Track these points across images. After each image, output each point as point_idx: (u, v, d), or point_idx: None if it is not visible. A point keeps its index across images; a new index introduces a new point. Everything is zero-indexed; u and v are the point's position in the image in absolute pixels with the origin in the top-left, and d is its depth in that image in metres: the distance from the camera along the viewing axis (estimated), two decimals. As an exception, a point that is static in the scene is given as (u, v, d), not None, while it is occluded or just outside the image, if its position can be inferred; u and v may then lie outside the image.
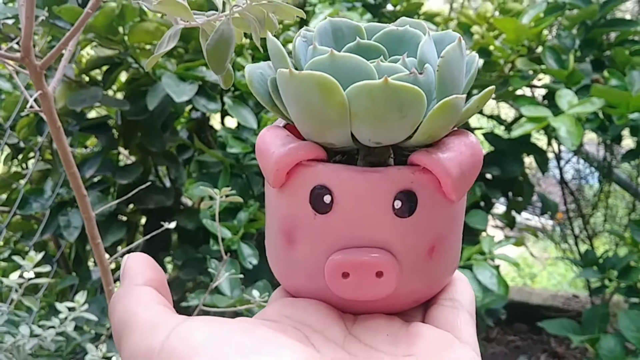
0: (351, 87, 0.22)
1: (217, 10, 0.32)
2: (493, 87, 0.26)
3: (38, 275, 0.92)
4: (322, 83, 0.22)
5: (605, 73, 1.08)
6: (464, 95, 0.23)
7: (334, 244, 0.23)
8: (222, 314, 0.87)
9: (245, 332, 0.20)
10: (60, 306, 0.88)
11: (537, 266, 2.24)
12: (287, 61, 0.24)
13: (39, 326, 0.89)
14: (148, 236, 0.69)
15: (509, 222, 1.32)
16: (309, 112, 0.23)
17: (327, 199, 0.23)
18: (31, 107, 0.52)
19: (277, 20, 0.36)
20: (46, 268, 0.83)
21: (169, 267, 1.36)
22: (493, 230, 1.42)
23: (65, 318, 0.88)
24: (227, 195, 0.68)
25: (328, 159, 0.24)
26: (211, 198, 0.67)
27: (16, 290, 0.87)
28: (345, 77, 0.22)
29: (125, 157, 1.29)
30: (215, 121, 1.41)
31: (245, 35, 0.34)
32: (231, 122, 1.32)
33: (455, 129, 0.26)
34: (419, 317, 0.26)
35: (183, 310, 1.13)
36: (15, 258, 0.82)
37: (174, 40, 0.32)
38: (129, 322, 0.22)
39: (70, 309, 0.88)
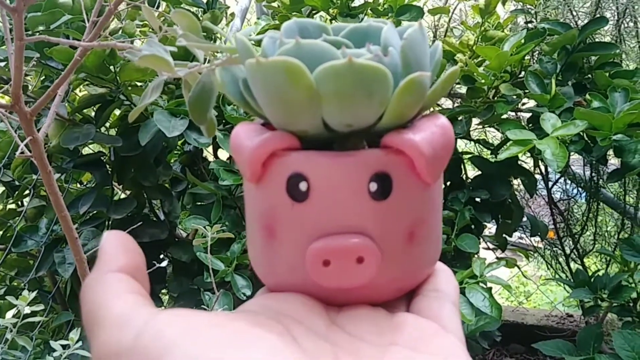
0: (317, 69, 0.22)
1: (199, 61, 0.34)
2: (458, 67, 0.26)
3: (33, 313, 0.92)
4: (288, 67, 0.22)
5: (587, 96, 1.10)
6: (429, 73, 0.24)
7: (313, 232, 0.23)
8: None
9: (221, 326, 0.19)
10: (54, 344, 0.89)
11: (531, 284, 2.24)
12: (254, 53, 0.24)
13: (34, 365, 0.89)
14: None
15: (501, 243, 1.33)
16: (278, 99, 0.23)
17: (303, 186, 0.23)
18: (22, 152, 0.53)
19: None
20: (39, 307, 0.84)
21: (165, 299, 1.36)
22: (485, 252, 1.43)
23: (60, 356, 0.89)
24: (217, 232, 0.70)
25: (302, 148, 0.24)
26: (204, 236, 0.68)
27: (10, 330, 0.88)
28: (311, 62, 0.22)
29: (119, 191, 1.30)
30: (209, 153, 1.43)
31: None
32: (225, 154, 1.34)
33: (426, 113, 0.26)
34: (403, 309, 0.25)
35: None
36: (9, 298, 0.83)
37: (158, 91, 0.34)
38: (99, 315, 0.20)
39: (65, 347, 0.88)
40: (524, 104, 1.27)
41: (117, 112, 1.19)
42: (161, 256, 1.26)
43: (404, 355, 0.21)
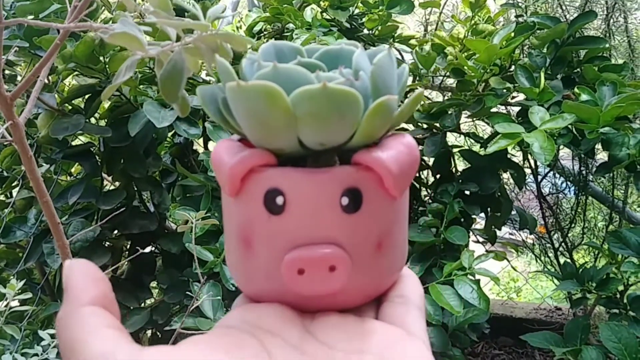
0: (294, 93, 0.23)
1: (171, 40, 0.34)
2: (422, 90, 0.28)
3: (22, 302, 0.92)
4: (266, 91, 0.23)
5: (576, 89, 1.11)
6: (396, 96, 0.26)
7: (288, 242, 0.25)
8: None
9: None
10: (42, 333, 0.89)
11: (522, 281, 2.26)
12: (234, 76, 0.26)
13: (22, 354, 0.89)
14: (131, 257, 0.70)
15: (490, 237, 1.33)
16: (257, 120, 0.25)
17: (279, 200, 0.25)
18: (2, 137, 0.53)
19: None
20: (27, 295, 0.84)
21: (155, 291, 1.36)
22: (475, 246, 1.44)
23: (48, 345, 0.89)
24: (202, 219, 0.70)
25: (279, 164, 0.26)
26: (187, 222, 0.68)
27: (-2, 319, 0.88)
28: (288, 86, 0.24)
29: (109, 182, 1.30)
30: (199, 145, 1.43)
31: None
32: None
33: (393, 131, 0.28)
34: (372, 314, 0.27)
35: (167, 333, 1.13)
36: (-3, 286, 0.83)
37: (131, 71, 0.34)
38: (77, 351, 0.20)
39: (53, 336, 0.88)
40: (513, 98, 1.27)
41: (107, 102, 1.19)
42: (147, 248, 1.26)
43: None
